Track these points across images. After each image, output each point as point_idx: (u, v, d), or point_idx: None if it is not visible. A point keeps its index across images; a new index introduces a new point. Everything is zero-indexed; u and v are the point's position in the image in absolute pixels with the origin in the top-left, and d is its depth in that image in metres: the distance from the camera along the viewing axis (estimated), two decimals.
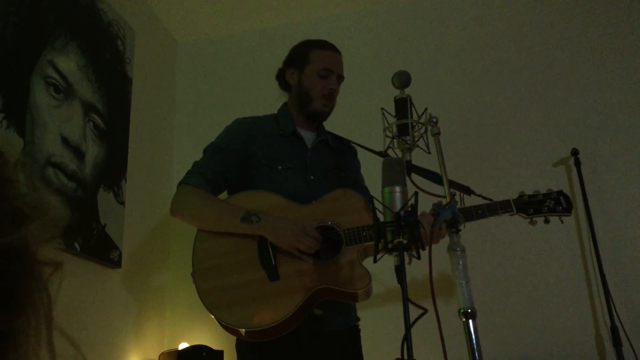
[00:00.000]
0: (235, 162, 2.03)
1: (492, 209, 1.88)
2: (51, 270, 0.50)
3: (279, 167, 2.01)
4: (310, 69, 2.09)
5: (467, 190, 1.83)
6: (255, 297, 1.82)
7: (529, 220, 1.88)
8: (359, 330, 2.07)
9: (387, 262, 1.40)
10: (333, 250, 1.87)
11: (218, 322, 1.84)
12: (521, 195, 1.91)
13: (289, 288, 1.82)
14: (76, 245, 2.47)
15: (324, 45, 2.14)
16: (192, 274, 1.88)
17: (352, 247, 1.85)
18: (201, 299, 1.83)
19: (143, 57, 3.31)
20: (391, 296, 2.88)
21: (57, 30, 2.56)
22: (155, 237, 3.26)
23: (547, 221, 1.89)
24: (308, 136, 2.14)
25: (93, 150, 2.71)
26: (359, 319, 2.08)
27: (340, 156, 2.17)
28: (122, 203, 2.89)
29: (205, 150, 2.08)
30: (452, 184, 1.61)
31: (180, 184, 2.01)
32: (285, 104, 2.20)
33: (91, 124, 2.72)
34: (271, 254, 1.86)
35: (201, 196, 1.95)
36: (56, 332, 0.50)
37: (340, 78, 2.13)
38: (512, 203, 1.89)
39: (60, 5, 2.61)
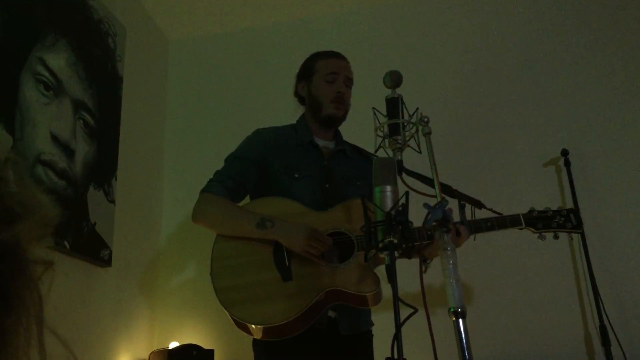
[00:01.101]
0: (253, 171, 2.11)
1: (502, 222, 1.93)
2: (42, 269, 0.50)
3: (296, 175, 2.09)
4: (317, 77, 2.18)
5: (478, 204, 1.86)
6: (268, 295, 1.89)
7: (537, 235, 1.93)
8: (372, 336, 2.11)
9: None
10: (346, 255, 1.93)
11: (231, 318, 1.90)
12: (531, 211, 1.96)
13: (300, 288, 1.88)
14: (66, 243, 2.46)
15: (329, 54, 2.23)
16: (210, 273, 1.95)
17: (363, 252, 1.89)
18: (217, 296, 1.91)
19: (134, 55, 3.30)
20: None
21: (47, 27, 2.54)
22: (145, 236, 3.24)
23: (556, 237, 1.95)
24: (326, 145, 2.21)
25: (83, 148, 2.69)
26: (372, 324, 2.12)
27: (358, 166, 2.22)
28: (113, 201, 2.88)
29: (226, 160, 2.16)
30: (463, 197, 1.66)
31: (202, 191, 2.09)
32: (303, 115, 2.26)
33: (81, 121, 2.70)
34: (285, 255, 1.93)
35: (220, 203, 2.03)
36: (46, 331, 0.50)
37: (349, 81, 2.19)
38: (521, 218, 1.94)
39: (51, 2, 2.59)
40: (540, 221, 1.94)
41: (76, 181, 2.60)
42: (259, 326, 1.87)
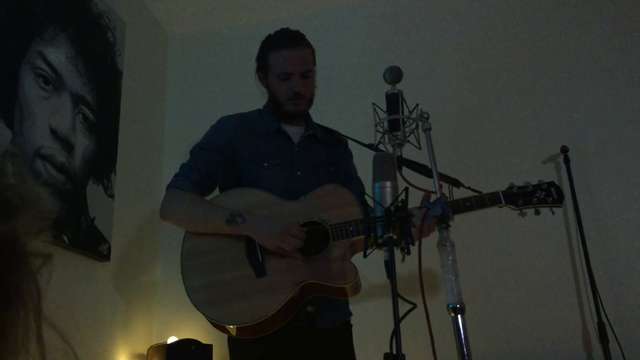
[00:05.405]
0: (220, 162, 2.02)
1: (481, 201, 1.85)
2: (40, 263, 0.50)
3: (265, 164, 2.01)
4: (271, 73, 2.06)
5: (456, 183, 1.81)
6: (242, 293, 1.82)
7: (518, 212, 1.85)
8: (350, 326, 2.07)
9: (375, 256, 1.40)
10: (321, 245, 1.87)
11: (207, 319, 1.84)
12: (510, 187, 1.89)
13: (276, 284, 1.82)
14: (65, 238, 2.46)
15: (279, 45, 2.05)
16: (181, 272, 1.89)
17: (339, 241, 1.85)
18: (189, 297, 1.84)
19: (134, 50, 3.29)
20: (380, 291, 2.88)
21: (46, 21, 2.53)
22: (144, 230, 3.24)
23: (537, 212, 1.86)
24: (294, 131, 2.11)
25: (82, 143, 2.69)
26: (351, 314, 2.08)
27: (330, 149, 2.15)
28: (112, 196, 2.88)
29: (191, 152, 2.07)
30: (441, 177, 1.59)
31: (168, 187, 2.01)
32: (269, 101, 2.17)
33: (80, 116, 2.70)
34: (258, 250, 1.86)
35: (188, 199, 1.95)
36: (45, 325, 0.50)
37: (306, 72, 2.04)
38: (500, 195, 1.86)
39: None
40: (520, 197, 1.85)
41: (75, 176, 2.60)
42: (233, 326, 1.80)
